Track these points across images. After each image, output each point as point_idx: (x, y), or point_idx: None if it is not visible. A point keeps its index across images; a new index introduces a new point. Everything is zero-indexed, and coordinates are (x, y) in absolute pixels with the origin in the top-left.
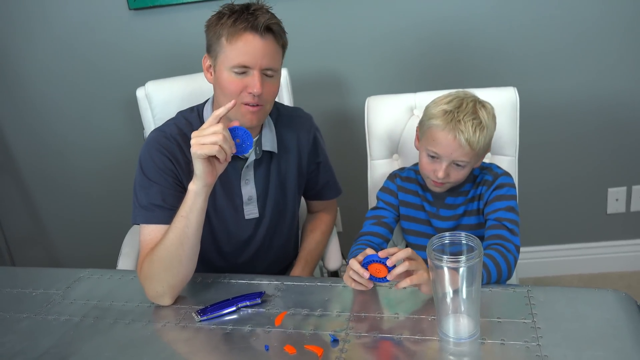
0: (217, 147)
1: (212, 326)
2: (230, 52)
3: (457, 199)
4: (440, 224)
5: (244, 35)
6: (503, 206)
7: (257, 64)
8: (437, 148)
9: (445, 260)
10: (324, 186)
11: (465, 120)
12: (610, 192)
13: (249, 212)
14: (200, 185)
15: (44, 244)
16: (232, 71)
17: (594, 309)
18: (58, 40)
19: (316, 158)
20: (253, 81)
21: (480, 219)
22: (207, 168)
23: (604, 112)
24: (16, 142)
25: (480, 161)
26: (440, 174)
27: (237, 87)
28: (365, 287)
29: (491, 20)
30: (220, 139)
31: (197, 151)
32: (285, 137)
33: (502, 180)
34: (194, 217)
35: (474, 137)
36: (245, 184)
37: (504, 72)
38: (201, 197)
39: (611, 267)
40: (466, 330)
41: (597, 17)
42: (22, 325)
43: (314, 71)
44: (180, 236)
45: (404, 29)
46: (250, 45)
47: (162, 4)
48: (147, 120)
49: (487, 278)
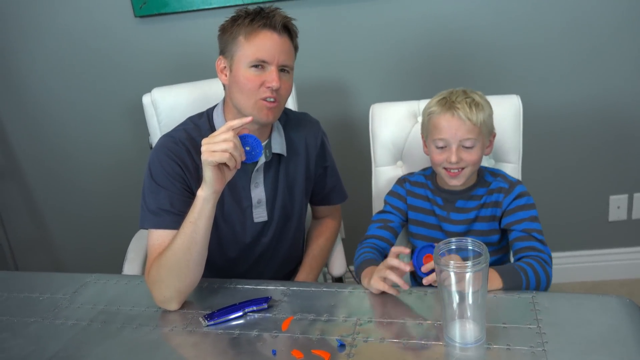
0: (227, 155)
1: (219, 331)
2: (248, 49)
3: (469, 202)
4: (451, 228)
5: (262, 32)
6: (527, 216)
7: (275, 59)
8: (441, 134)
9: (451, 266)
10: (331, 191)
11: (459, 100)
12: (612, 200)
13: (257, 215)
14: (209, 192)
15: (47, 249)
16: (250, 67)
17: (598, 315)
18: (65, 47)
19: (324, 162)
20: (271, 76)
21: (493, 225)
22: (216, 175)
23: (606, 120)
24: (22, 147)
25: (489, 145)
26: (453, 158)
27: (255, 83)
28: (396, 291)
29: (495, 28)
30: (230, 146)
31: (207, 158)
32: (293, 140)
33: (521, 190)
34: (202, 223)
35: (471, 112)
36: (255, 187)
37: (507, 79)
38: (210, 204)
39: (613, 275)
40: (472, 336)
41: (600, 26)
42: (30, 330)
43: (319, 78)
44: (188, 242)
45: (408, 37)
46: (269, 41)
47: (168, 12)
48: (152, 126)
49: (525, 284)
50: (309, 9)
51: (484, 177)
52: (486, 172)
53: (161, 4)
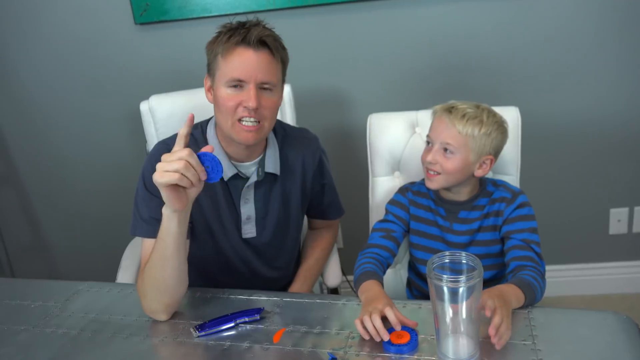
0: (177, 176)
1: (210, 342)
2: (224, 68)
3: (472, 213)
4: (454, 239)
5: (237, 49)
6: (527, 227)
7: (252, 77)
8: (430, 132)
9: (445, 280)
10: (328, 207)
11: (460, 108)
12: (612, 213)
13: (246, 232)
14: (169, 210)
15: (44, 256)
16: (227, 87)
17: (594, 332)
18: (65, 53)
19: (321, 179)
20: (248, 95)
21: (494, 235)
22: (172, 195)
23: (606, 133)
24: (19, 154)
25: (478, 163)
26: (429, 157)
27: (232, 103)
28: (377, 337)
29: (493, 39)
30: (182, 166)
31: (157, 179)
32: (290, 158)
33: (523, 199)
34: (170, 240)
35: (460, 121)
36: (245, 203)
37: (506, 91)
38: (173, 222)
39: (613, 289)
40: (466, 351)
41: (599, 38)
42: (20, 338)
43: (317, 88)
44: (160, 258)
45: (406, 48)
46: (243, 59)
47: (168, 19)
48: (150, 134)
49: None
50: (307, 19)
51: (486, 187)
52: (488, 182)
53: (161, 12)
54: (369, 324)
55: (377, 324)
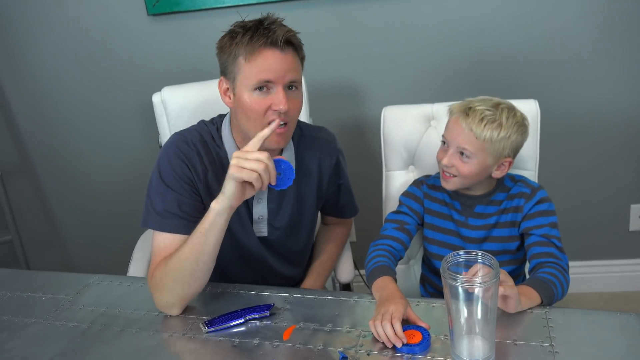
0: (255, 175)
1: (219, 338)
2: (250, 71)
3: (488, 207)
4: (470, 234)
5: (264, 51)
6: (547, 222)
7: (281, 79)
8: (445, 133)
9: (460, 281)
10: (343, 207)
11: (478, 109)
12: (633, 209)
13: (257, 231)
14: (224, 205)
15: (58, 247)
16: (254, 91)
17: (615, 334)
18: (77, 45)
19: (337, 180)
20: (278, 97)
21: (512, 231)
22: (238, 191)
23: (627, 126)
24: (34, 146)
25: (496, 165)
26: (445, 160)
27: (261, 107)
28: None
29: (511, 30)
30: (262, 167)
31: (234, 173)
32: (306, 159)
33: (543, 195)
34: (213, 235)
35: (478, 125)
36: (258, 203)
37: (524, 84)
38: (223, 217)
39: (632, 286)
40: (480, 353)
41: (620, 28)
42: (30, 331)
43: (331, 81)
44: (196, 252)
45: (422, 39)
46: (272, 61)
47: (180, 10)
48: (162, 125)
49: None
50: (320, 9)
51: (504, 182)
52: (506, 177)
53: (174, 3)
54: (381, 330)
55: (389, 332)
